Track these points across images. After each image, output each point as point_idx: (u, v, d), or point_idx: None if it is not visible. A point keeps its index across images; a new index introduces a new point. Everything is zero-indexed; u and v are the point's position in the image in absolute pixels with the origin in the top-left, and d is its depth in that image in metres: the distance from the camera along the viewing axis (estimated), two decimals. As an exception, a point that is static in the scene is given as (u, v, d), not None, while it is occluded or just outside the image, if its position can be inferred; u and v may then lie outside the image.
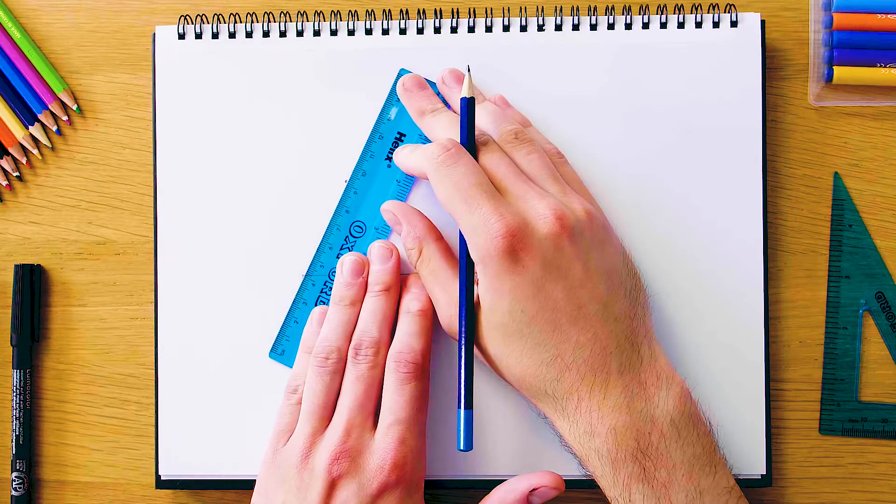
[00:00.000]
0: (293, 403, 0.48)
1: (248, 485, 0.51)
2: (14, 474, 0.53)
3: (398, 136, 0.51)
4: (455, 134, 0.47)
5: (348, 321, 0.49)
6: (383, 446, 0.46)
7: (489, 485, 0.50)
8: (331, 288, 0.51)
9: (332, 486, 0.45)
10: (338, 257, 0.51)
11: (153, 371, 0.52)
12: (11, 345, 0.53)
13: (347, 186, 0.51)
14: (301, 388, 0.48)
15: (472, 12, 0.52)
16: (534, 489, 0.47)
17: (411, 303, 0.49)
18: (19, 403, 0.53)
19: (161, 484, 0.51)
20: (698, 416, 0.45)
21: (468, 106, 0.47)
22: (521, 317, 0.44)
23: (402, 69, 0.51)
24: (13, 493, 0.52)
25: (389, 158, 0.51)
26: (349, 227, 0.51)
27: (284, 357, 0.51)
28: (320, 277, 0.51)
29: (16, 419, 0.53)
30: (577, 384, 0.44)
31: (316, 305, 0.51)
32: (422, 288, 0.49)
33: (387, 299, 0.49)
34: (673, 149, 0.51)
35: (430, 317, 0.49)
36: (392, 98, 0.51)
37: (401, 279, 0.50)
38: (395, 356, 0.47)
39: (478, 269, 0.45)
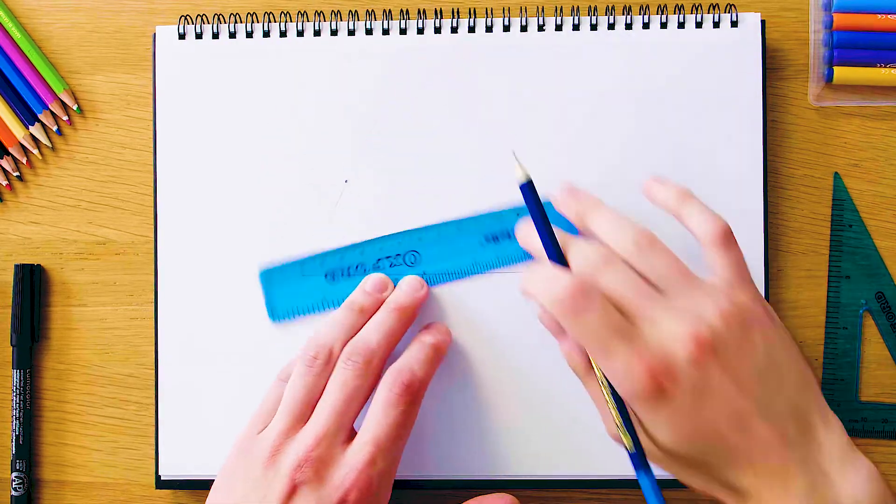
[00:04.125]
0: (279, 388, 0.48)
1: (248, 485, 0.51)
2: (14, 474, 0.53)
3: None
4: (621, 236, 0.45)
5: (350, 325, 0.48)
6: (353, 463, 0.44)
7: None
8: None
9: (292, 492, 0.44)
10: (374, 266, 0.51)
11: (153, 371, 0.52)
12: (11, 345, 0.53)
13: (419, 230, 0.51)
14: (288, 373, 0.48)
15: (472, 12, 0.52)
16: None
17: (428, 335, 0.48)
18: (19, 403, 0.53)
19: (161, 484, 0.51)
20: (888, 500, 0.41)
21: (530, 191, 0.45)
22: (679, 440, 0.42)
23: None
24: (13, 493, 0.52)
25: (491, 240, 0.51)
26: (407, 252, 0.51)
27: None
28: (349, 259, 0.51)
29: (16, 419, 0.53)
30: (754, 483, 0.42)
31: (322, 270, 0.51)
32: (445, 333, 0.49)
33: (398, 319, 0.48)
34: (673, 149, 0.51)
35: (441, 357, 0.48)
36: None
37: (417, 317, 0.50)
38: (395, 373, 0.46)
39: (630, 405, 0.43)
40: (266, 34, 0.52)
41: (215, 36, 0.52)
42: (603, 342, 0.42)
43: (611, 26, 0.51)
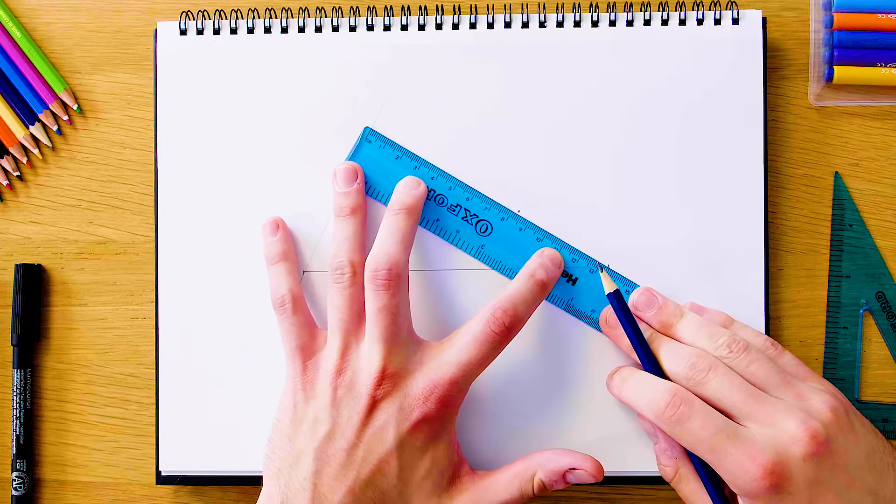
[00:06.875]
0: (290, 315, 0.48)
1: (248, 481, 0.51)
2: (15, 474, 0.53)
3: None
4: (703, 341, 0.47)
5: (353, 232, 0.49)
6: (434, 377, 0.46)
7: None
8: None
9: (372, 407, 0.45)
10: (449, 207, 0.50)
11: (153, 371, 0.52)
12: (12, 344, 0.53)
13: (515, 216, 0.50)
14: (287, 297, 0.48)
15: (473, 9, 0.52)
16: (573, 468, 0.46)
17: (541, 271, 0.48)
18: (20, 403, 0.53)
19: (161, 480, 0.51)
20: None
21: (618, 300, 0.47)
22: None
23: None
24: (14, 492, 0.52)
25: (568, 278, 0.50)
26: (483, 220, 0.50)
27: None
28: (438, 184, 0.50)
29: (16, 419, 0.53)
30: None
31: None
32: (558, 266, 0.49)
33: (406, 219, 0.48)
34: (673, 147, 0.51)
35: (547, 293, 0.49)
36: None
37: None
38: (499, 311, 0.46)
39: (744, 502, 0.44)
40: (267, 30, 0.52)
41: (216, 32, 0.52)
42: (712, 445, 0.43)
43: (612, 23, 0.51)
